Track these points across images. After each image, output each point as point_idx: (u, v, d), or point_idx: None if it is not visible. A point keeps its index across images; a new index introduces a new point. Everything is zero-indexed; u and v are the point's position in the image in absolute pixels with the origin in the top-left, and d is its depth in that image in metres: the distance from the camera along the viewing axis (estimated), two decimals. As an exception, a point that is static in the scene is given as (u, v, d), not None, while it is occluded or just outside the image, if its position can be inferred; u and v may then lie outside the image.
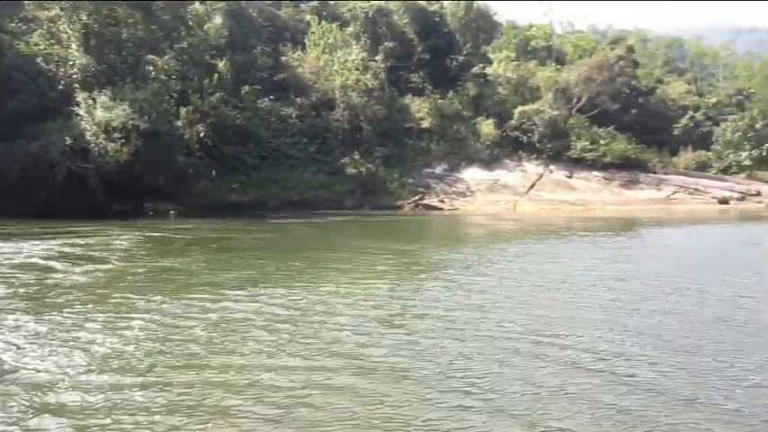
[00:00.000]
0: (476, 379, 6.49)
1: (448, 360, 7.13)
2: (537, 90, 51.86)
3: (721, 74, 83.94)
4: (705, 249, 19.36)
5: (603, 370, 6.78)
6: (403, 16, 52.88)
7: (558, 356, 7.23)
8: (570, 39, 69.12)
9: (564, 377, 6.51)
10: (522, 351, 7.42)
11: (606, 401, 5.87)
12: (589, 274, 13.50)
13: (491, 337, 8.06)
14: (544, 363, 7.00)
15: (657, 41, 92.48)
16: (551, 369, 6.78)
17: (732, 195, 46.62)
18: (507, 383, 6.36)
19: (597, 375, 6.60)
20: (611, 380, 6.46)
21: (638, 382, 6.35)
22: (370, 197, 42.36)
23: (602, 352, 7.46)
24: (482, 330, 8.43)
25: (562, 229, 26.41)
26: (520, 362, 7.06)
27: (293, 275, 13.38)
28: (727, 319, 9.18)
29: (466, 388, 6.24)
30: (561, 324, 8.78)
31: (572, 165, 48.70)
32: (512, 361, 7.09)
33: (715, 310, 9.81)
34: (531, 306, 10.04)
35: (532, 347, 7.56)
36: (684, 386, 6.27)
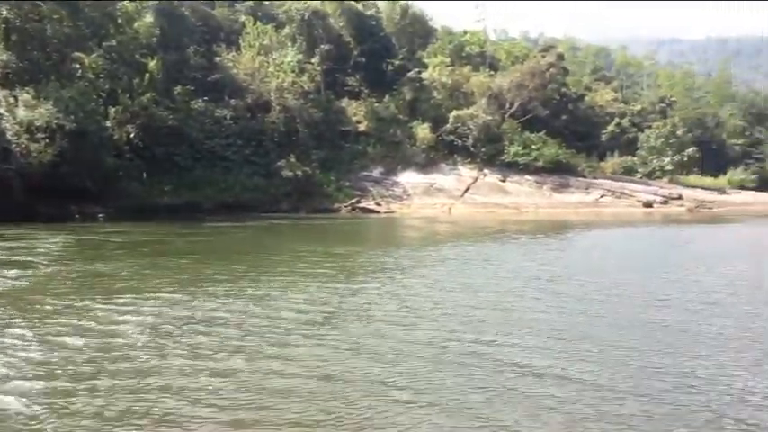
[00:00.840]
0: (409, 380, 6.55)
1: (382, 362, 7.16)
2: (471, 95, 52.74)
3: (645, 82, 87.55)
4: (630, 252, 20.06)
5: (531, 369, 6.91)
6: (339, 19, 52.83)
7: (487, 357, 7.33)
8: (503, 46, 70.66)
9: (489, 378, 6.60)
10: (449, 353, 7.49)
11: (533, 401, 5.99)
12: (519, 276, 13.78)
13: (422, 341, 8.13)
14: (472, 364, 7.08)
15: (586, 50, 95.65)
16: (478, 369, 6.87)
17: (656, 199, 48.66)
18: (436, 384, 6.44)
19: (524, 375, 6.72)
20: (537, 380, 6.59)
21: (565, 380, 6.51)
22: (306, 200, 42.07)
23: (531, 355, 7.60)
24: (413, 334, 8.49)
25: (496, 232, 26.91)
26: (448, 363, 7.12)
27: (229, 279, 13.12)
28: (650, 321, 9.55)
29: (398, 389, 6.31)
30: (489, 327, 8.87)
31: (505, 169, 49.74)
32: (441, 361, 7.14)
33: (635, 312, 10.17)
34: (460, 309, 10.12)
35: (460, 349, 7.63)
36: (602, 378, 6.46)
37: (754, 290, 12.10)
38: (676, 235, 27.49)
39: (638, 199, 48.29)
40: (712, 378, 6.61)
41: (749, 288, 12.31)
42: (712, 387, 6.34)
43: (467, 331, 8.54)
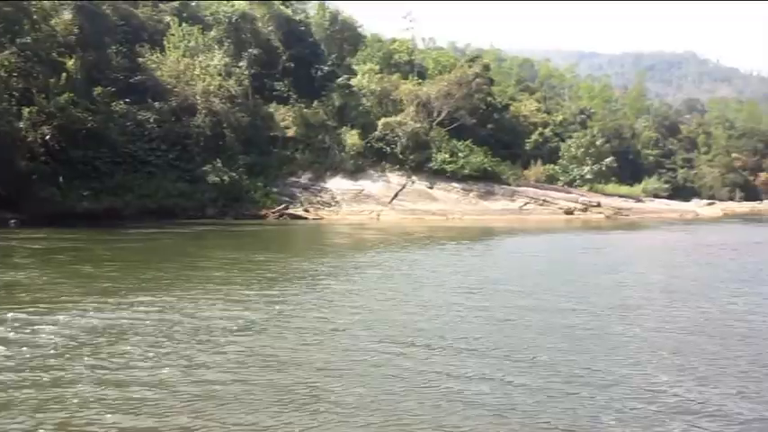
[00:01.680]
0: (326, 387, 6.54)
1: (301, 370, 7.16)
2: (400, 103, 53.20)
3: (567, 94, 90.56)
4: (550, 258, 20.64)
5: (448, 373, 7.00)
6: (268, 24, 52.26)
7: (399, 365, 7.38)
8: (431, 55, 71.62)
9: (403, 384, 6.64)
10: (365, 362, 7.50)
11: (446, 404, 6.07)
12: (442, 283, 13.90)
13: (341, 347, 8.14)
14: (387, 372, 7.11)
15: (511, 61, 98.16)
16: (391, 378, 6.90)
17: (576, 206, 50.39)
18: (351, 392, 6.44)
19: (441, 378, 6.80)
20: (451, 381, 6.69)
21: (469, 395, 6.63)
22: (233, 206, 41.34)
23: (448, 360, 7.70)
24: (331, 341, 8.49)
25: (423, 239, 27.21)
26: (364, 372, 7.13)
27: (146, 288, 12.73)
28: (565, 325, 9.85)
29: (316, 394, 6.36)
30: (405, 335, 8.91)
31: (433, 176, 50.36)
32: (356, 371, 7.14)
33: (553, 317, 10.48)
34: (380, 317, 10.14)
35: (377, 358, 7.65)
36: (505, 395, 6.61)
37: (665, 293, 12.66)
38: (595, 241, 28.50)
39: (560, 206, 49.90)
40: (617, 375, 6.86)
41: (661, 291, 12.89)
42: (617, 383, 6.58)
43: (384, 339, 8.56)
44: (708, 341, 8.58)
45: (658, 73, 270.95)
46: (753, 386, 6.67)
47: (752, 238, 27.68)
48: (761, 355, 7.86)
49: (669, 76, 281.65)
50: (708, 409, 5.93)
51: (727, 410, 5.96)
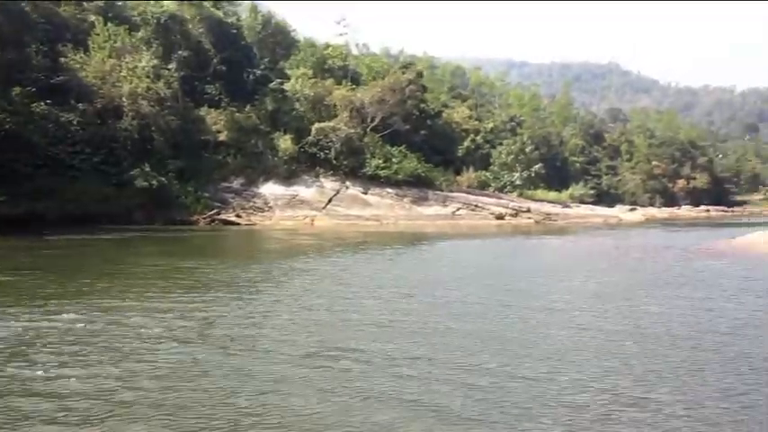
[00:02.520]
0: (253, 393, 6.43)
1: (226, 379, 7.01)
2: (334, 108, 53.13)
3: (497, 102, 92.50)
4: (482, 262, 21.01)
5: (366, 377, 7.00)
6: (198, 25, 51.17)
7: (329, 372, 7.33)
8: (365, 60, 71.84)
9: (328, 392, 6.60)
10: (291, 371, 7.41)
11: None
12: (374, 287, 13.87)
13: (268, 353, 8.04)
14: (316, 379, 7.05)
15: (444, 68, 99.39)
16: (322, 385, 6.86)
17: (507, 212, 51.54)
18: (278, 398, 6.36)
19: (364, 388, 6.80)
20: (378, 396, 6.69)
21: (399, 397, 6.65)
22: (162, 211, 40.25)
23: (367, 366, 7.70)
24: (258, 348, 8.37)
25: (357, 244, 27.20)
26: (292, 379, 7.04)
27: (64, 295, 12.20)
28: (489, 331, 10.01)
29: (247, 400, 6.29)
30: (334, 341, 8.85)
31: (367, 181, 50.52)
32: (285, 378, 7.04)
33: (477, 323, 10.64)
34: (308, 323, 10.02)
35: (305, 365, 7.57)
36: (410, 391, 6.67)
37: (589, 297, 13.04)
38: (525, 246, 29.20)
39: (491, 212, 50.93)
40: (537, 376, 7.02)
41: (585, 295, 13.27)
42: (538, 384, 6.72)
43: (310, 347, 8.49)
44: (626, 341, 8.87)
45: (584, 83, 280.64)
46: (672, 383, 6.94)
47: (671, 243, 28.92)
48: (677, 355, 8.19)
49: (594, 86, 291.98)
50: (628, 409, 6.11)
51: (645, 408, 6.17)
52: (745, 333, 9.28)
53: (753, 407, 6.18)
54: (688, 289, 13.66)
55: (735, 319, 10.30)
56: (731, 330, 9.45)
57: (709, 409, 6.10)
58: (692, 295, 12.74)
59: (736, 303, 11.76)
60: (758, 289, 13.41)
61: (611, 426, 5.74)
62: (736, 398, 6.46)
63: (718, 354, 8.15)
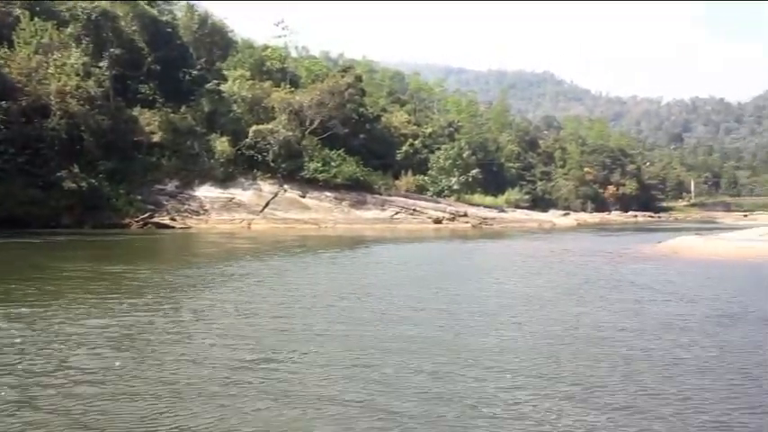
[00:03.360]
0: (170, 401, 6.24)
1: (146, 384, 6.78)
2: (272, 110, 52.58)
3: (436, 107, 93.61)
4: (419, 266, 21.08)
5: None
6: (131, 23, 49.74)
7: (258, 378, 7.19)
8: (304, 63, 71.51)
9: (253, 400, 6.47)
10: (217, 378, 7.21)
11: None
12: (306, 292, 13.64)
13: (191, 360, 7.83)
14: (239, 389, 6.89)
15: (383, 73, 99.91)
16: (246, 393, 6.71)
17: (445, 216, 52.11)
18: (198, 409, 6.18)
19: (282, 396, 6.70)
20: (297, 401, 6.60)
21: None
22: (92, 214, 38.89)
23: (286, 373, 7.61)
24: (181, 354, 8.13)
25: (295, 248, 26.91)
26: (214, 389, 6.85)
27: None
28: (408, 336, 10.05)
29: (162, 408, 6.04)
30: (264, 347, 8.66)
31: (305, 185, 50.19)
32: (206, 389, 6.84)
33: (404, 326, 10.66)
34: (235, 330, 9.74)
35: (232, 375, 7.37)
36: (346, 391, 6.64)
37: (523, 300, 13.26)
38: (461, 249, 29.51)
39: (429, 216, 51.39)
40: (469, 380, 7.06)
41: (519, 298, 13.48)
42: (471, 388, 6.77)
43: (234, 351, 8.30)
44: (556, 345, 9.03)
45: (520, 91, 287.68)
46: (600, 387, 7.08)
47: (602, 247, 29.79)
48: (609, 357, 8.39)
49: (529, 94, 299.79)
50: (553, 414, 6.20)
51: (571, 411, 6.27)
52: (671, 335, 9.58)
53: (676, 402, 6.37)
54: (617, 292, 14.05)
55: (661, 321, 10.63)
56: (657, 331, 9.74)
57: (637, 408, 6.24)
58: (621, 298, 13.10)
59: (662, 306, 12.15)
60: (682, 292, 13.91)
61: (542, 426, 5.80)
62: (669, 398, 6.65)
63: (646, 353, 8.37)
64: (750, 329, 9.88)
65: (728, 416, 6.01)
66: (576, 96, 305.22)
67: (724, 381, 7.14)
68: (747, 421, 5.89)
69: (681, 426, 5.75)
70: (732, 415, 6.03)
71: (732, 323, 10.28)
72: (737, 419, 5.93)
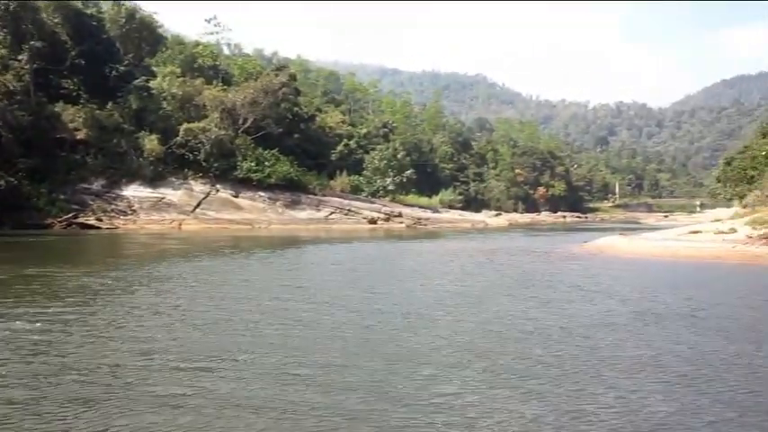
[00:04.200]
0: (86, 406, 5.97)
1: (57, 389, 6.47)
2: (203, 108, 51.37)
3: (370, 108, 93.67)
4: (353, 266, 20.99)
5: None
6: (53, 15, 47.64)
7: (181, 382, 6.98)
8: (237, 61, 70.19)
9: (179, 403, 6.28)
10: (132, 380, 6.98)
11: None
12: (234, 294, 13.32)
13: (105, 363, 7.55)
14: (167, 388, 6.68)
15: (317, 73, 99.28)
16: (171, 397, 6.51)
17: (380, 216, 52.28)
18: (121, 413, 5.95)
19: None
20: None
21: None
22: (11, 214, 37.03)
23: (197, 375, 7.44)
24: (97, 358, 7.82)
25: (226, 248, 26.38)
26: (139, 390, 6.62)
27: None
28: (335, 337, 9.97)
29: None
30: (185, 350, 8.41)
31: (238, 184, 49.33)
32: (119, 389, 6.60)
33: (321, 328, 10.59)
34: (161, 332, 9.43)
35: (155, 376, 7.15)
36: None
37: (455, 298, 13.37)
38: (396, 249, 29.60)
39: (364, 216, 51.45)
40: (400, 378, 7.06)
41: (451, 297, 13.59)
42: (402, 386, 6.76)
43: (153, 356, 8.03)
44: (487, 342, 9.13)
45: (453, 93, 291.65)
46: (535, 384, 7.18)
47: (532, 247, 30.48)
48: (531, 352, 8.53)
49: (463, 96, 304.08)
50: (488, 410, 6.24)
51: (507, 406, 6.33)
52: (598, 333, 9.83)
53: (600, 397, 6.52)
54: (546, 290, 14.36)
55: (588, 319, 10.89)
56: (584, 328, 9.98)
57: (561, 400, 6.35)
58: (550, 296, 13.39)
59: (589, 304, 12.46)
60: (606, 291, 14.31)
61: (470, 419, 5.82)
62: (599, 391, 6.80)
63: (576, 349, 8.55)
64: (672, 326, 10.24)
65: (659, 410, 6.18)
66: (507, 99, 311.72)
67: (653, 377, 7.35)
68: (682, 419, 6.07)
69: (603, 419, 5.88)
70: (662, 408, 6.21)
71: (655, 321, 10.63)
72: (669, 416, 6.10)
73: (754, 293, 14.22)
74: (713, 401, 6.36)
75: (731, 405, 6.25)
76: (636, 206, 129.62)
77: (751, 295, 13.85)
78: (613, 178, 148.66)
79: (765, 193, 41.67)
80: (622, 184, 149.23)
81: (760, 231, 23.91)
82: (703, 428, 5.68)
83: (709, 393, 6.62)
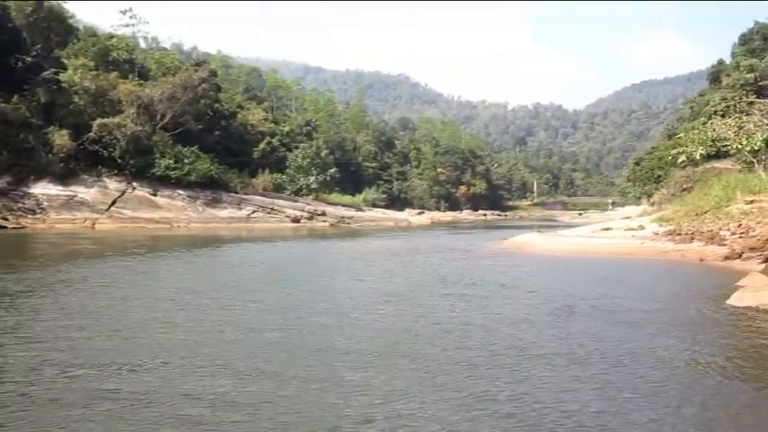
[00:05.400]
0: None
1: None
2: (119, 103, 49.43)
3: (293, 105, 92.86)
4: (275, 266, 20.74)
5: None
6: (-48, 1, 44.66)
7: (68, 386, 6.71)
8: (154, 55, 67.99)
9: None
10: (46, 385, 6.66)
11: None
12: (144, 295, 12.92)
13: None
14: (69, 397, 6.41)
15: (239, 69, 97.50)
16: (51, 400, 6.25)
17: (303, 215, 51.92)
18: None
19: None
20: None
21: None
22: None
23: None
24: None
25: (142, 248, 25.50)
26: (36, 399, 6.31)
27: None
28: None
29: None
30: (88, 357, 8.10)
31: (156, 182, 47.81)
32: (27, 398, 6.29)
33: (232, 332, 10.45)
34: (62, 339, 9.01)
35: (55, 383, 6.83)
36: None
37: (376, 296, 13.42)
38: (319, 248, 29.47)
39: (287, 215, 50.96)
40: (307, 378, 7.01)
41: (372, 295, 13.63)
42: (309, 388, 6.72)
43: (64, 363, 7.69)
44: (406, 341, 9.20)
45: (376, 92, 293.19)
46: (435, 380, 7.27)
47: (454, 245, 30.96)
48: (452, 350, 8.64)
49: (386, 95, 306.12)
50: (394, 401, 6.27)
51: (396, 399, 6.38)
52: (516, 329, 10.07)
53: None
54: (465, 288, 14.60)
55: (507, 315, 11.13)
56: (504, 326, 10.18)
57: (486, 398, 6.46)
58: (469, 293, 13.61)
59: (507, 301, 12.73)
60: (523, 287, 14.67)
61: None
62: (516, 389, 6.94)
63: (494, 346, 8.72)
64: (588, 321, 10.59)
65: (573, 403, 6.37)
66: (429, 99, 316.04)
67: (568, 370, 7.59)
68: (602, 407, 6.28)
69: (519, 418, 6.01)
70: (572, 403, 6.41)
71: (572, 316, 10.97)
72: (586, 407, 6.30)
73: (660, 287, 14.95)
74: (621, 389, 6.63)
75: (637, 391, 6.54)
76: (553, 204, 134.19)
77: (656, 289, 14.55)
78: (532, 177, 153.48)
79: (671, 192, 44.08)
80: (540, 183, 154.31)
81: (665, 228, 25.22)
82: (611, 415, 5.89)
83: (618, 382, 6.88)
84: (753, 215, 22.51)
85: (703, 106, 54.68)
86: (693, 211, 26.72)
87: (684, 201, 32.14)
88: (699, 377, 7.11)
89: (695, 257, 19.88)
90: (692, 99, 72.47)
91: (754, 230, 21.19)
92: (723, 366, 7.53)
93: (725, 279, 14.76)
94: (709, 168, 39.58)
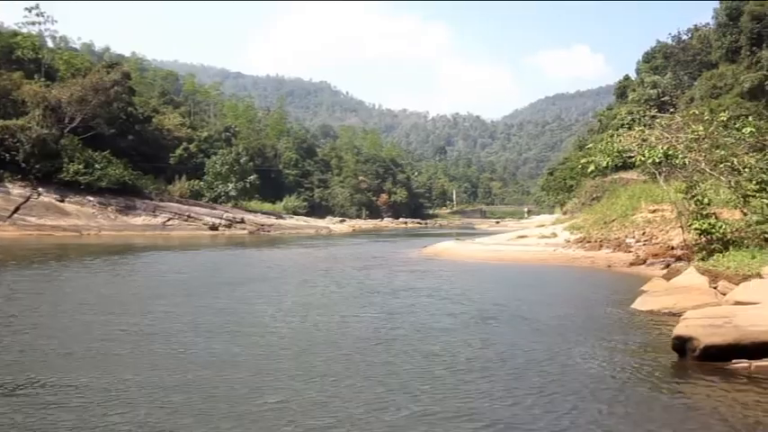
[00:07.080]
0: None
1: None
2: (23, 104, 46.88)
3: (212, 111, 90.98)
4: (186, 277, 20.06)
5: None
6: None
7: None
8: (63, 55, 64.95)
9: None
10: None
11: None
12: (48, 310, 12.24)
13: None
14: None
15: (155, 72, 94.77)
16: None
17: (221, 222, 50.67)
18: None
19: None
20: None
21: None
22: None
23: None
24: None
25: (47, 257, 24.12)
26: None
27: None
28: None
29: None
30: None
31: (64, 188, 45.51)
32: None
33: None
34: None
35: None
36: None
37: (294, 308, 13.18)
38: (236, 257, 28.78)
39: (205, 222, 49.63)
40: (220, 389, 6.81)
41: (290, 306, 13.39)
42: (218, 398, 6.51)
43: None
44: (327, 352, 9.07)
45: (297, 99, 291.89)
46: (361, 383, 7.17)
47: (374, 253, 30.95)
48: (361, 358, 8.57)
49: (307, 102, 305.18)
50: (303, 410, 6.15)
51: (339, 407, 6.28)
52: (434, 334, 10.11)
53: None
54: (385, 296, 14.55)
55: (424, 323, 11.15)
56: (423, 334, 10.20)
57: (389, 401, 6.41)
58: (387, 301, 13.58)
59: (428, 308, 12.78)
60: (441, 294, 14.77)
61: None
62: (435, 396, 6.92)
63: (411, 355, 8.70)
64: (506, 327, 10.74)
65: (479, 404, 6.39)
66: (351, 107, 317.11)
67: (486, 374, 7.64)
68: (520, 412, 6.32)
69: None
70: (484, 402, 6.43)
71: (492, 322, 11.10)
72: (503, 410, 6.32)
73: (570, 293, 15.46)
74: (528, 392, 6.72)
75: (546, 394, 6.65)
76: (471, 212, 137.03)
77: (567, 294, 15.03)
78: (451, 186, 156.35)
79: (581, 201, 45.82)
80: (459, 192, 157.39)
81: (576, 236, 26.15)
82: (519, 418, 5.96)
83: (526, 385, 6.98)
84: (656, 223, 23.72)
85: (611, 119, 57.27)
86: (602, 219, 27.76)
87: (594, 209, 33.33)
88: (598, 378, 7.40)
89: (604, 264, 20.71)
90: (602, 112, 75.90)
91: (656, 238, 22.37)
92: (622, 367, 7.92)
93: (630, 284, 15.42)
94: (616, 178, 41.36)
